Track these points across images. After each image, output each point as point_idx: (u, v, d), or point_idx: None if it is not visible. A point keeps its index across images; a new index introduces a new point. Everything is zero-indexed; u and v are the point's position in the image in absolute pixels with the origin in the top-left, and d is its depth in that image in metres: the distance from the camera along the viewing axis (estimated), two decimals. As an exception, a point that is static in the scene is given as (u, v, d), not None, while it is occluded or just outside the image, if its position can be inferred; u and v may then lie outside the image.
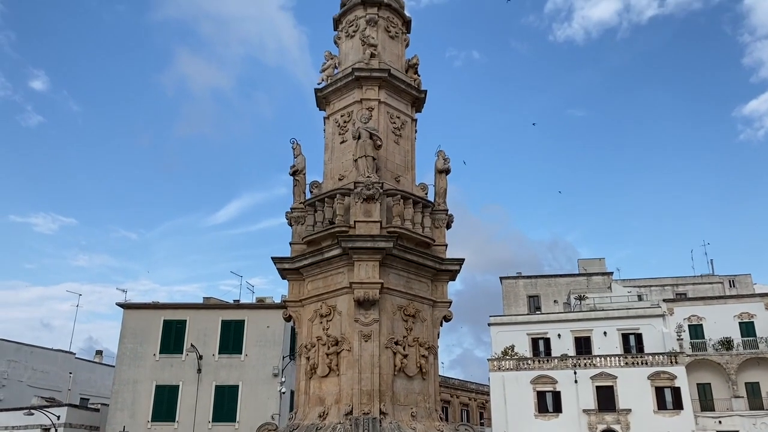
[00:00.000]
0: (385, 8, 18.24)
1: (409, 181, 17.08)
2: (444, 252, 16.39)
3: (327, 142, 17.75)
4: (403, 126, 17.51)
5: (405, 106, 17.81)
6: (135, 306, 49.49)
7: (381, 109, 16.90)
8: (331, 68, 18.34)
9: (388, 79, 17.05)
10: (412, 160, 17.52)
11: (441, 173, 17.09)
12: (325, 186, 16.97)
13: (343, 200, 15.53)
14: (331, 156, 17.40)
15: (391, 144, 16.95)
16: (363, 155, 15.41)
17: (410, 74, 18.32)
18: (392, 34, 18.39)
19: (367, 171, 15.19)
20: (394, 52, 18.34)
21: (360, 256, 14.40)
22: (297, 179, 17.11)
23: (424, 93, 18.14)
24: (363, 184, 14.91)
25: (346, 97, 17.42)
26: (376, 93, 16.97)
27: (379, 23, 17.99)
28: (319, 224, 15.79)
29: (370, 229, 14.75)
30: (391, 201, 15.59)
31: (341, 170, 16.83)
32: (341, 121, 17.35)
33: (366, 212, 14.93)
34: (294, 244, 16.32)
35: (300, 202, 16.75)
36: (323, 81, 18.13)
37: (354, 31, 18.20)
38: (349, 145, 16.69)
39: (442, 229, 16.64)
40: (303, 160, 17.20)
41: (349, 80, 17.10)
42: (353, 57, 17.90)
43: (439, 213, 16.63)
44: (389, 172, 16.55)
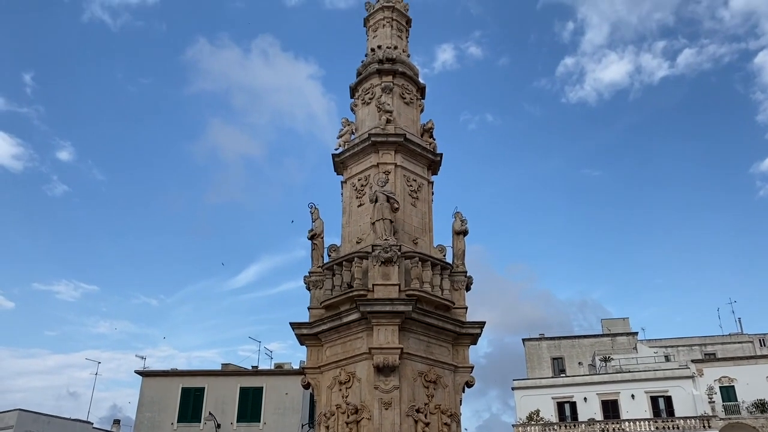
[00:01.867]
0: (400, 76, 18.70)
1: (427, 243, 17.04)
2: (464, 315, 16.16)
3: (344, 205, 17.89)
4: (420, 189, 17.64)
5: (421, 169, 17.98)
6: (153, 373, 49.05)
7: (397, 173, 17.08)
8: (348, 134, 18.71)
9: (404, 143, 17.30)
10: (429, 222, 17.54)
11: (459, 235, 17.05)
12: (343, 249, 16.98)
13: (361, 263, 15.49)
14: (348, 219, 17.49)
15: (408, 207, 17.02)
16: (380, 218, 15.47)
17: (425, 138, 18.59)
18: (407, 100, 18.78)
19: (385, 234, 15.21)
20: (410, 117, 18.69)
21: (379, 320, 14.23)
22: (315, 243, 17.16)
23: (440, 156, 18.34)
24: (381, 247, 14.90)
25: (363, 162, 17.66)
26: (392, 157, 17.20)
27: (394, 90, 18.41)
28: (338, 288, 15.71)
29: (389, 293, 14.63)
30: (410, 263, 15.52)
31: (359, 233, 16.87)
32: (358, 185, 17.52)
33: (384, 275, 14.85)
34: (312, 309, 16.21)
35: (318, 266, 16.73)
36: (340, 146, 18.46)
37: (370, 98, 18.63)
38: (366, 208, 16.79)
39: (461, 291, 16.46)
40: (321, 224, 17.30)
41: (366, 145, 17.38)
42: (369, 123, 18.25)
43: (458, 275, 16.50)
44: (407, 235, 16.55)
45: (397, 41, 19.65)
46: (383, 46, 19.14)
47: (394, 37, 19.66)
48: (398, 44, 19.62)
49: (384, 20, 19.80)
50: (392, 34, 19.67)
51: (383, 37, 19.56)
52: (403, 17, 20.33)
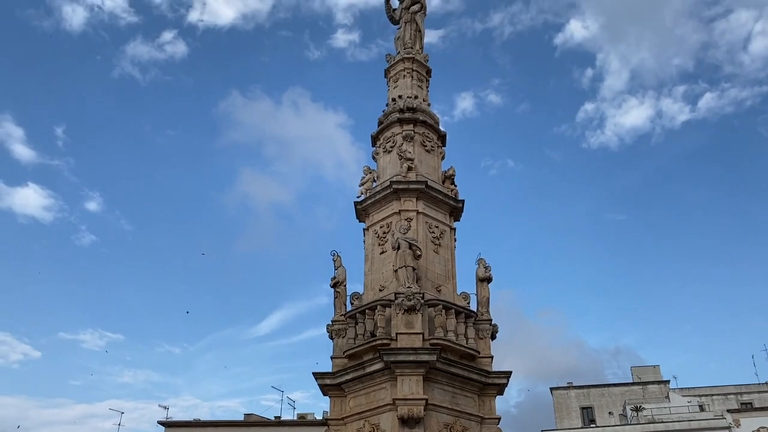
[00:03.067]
0: (421, 125, 18.91)
1: (451, 291, 16.87)
2: (490, 364, 15.84)
3: (367, 253, 17.87)
4: (442, 235, 17.57)
5: (443, 215, 17.96)
6: (176, 424, 48.53)
7: (419, 220, 17.07)
8: (370, 182, 18.83)
9: (426, 190, 17.35)
10: (452, 269, 17.41)
11: (483, 282, 16.87)
12: (365, 297, 16.87)
13: (384, 312, 15.35)
14: (371, 267, 17.44)
15: (430, 254, 16.93)
16: (403, 265, 15.39)
17: (447, 185, 18.63)
18: (428, 148, 18.92)
19: (408, 281, 15.10)
20: (431, 165, 18.79)
21: (403, 370, 13.99)
22: (338, 291, 17.10)
23: (462, 202, 18.33)
24: (404, 295, 14.78)
25: (384, 209, 17.70)
26: (414, 204, 17.23)
27: (415, 138, 18.59)
28: (360, 337, 15.55)
29: (413, 342, 14.43)
30: (433, 311, 15.34)
31: (381, 281, 16.78)
32: (380, 233, 17.53)
33: (408, 324, 14.68)
34: (335, 359, 16.02)
35: (341, 315, 16.63)
36: (362, 194, 18.57)
37: (391, 146, 18.82)
38: (388, 255, 16.74)
39: (486, 340, 16.18)
40: (343, 272, 17.26)
41: (388, 192, 17.46)
42: (391, 171, 18.38)
43: (482, 323, 16.25)
44: (430, 282, 16.42)
45: (417, 91, 19.94)
46: (404, 95, 19.43)
47: (415, 87, 19.96)
48: (419, 94, 19.90)
49: (404, 71, 20.15)
50: (412, 84, 19.98)
51: (404, 87, 19.88)
52: (423, 68, 20.68)
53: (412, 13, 21.25)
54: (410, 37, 20.87)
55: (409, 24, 21.09)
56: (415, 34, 21.01)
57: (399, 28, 21.40)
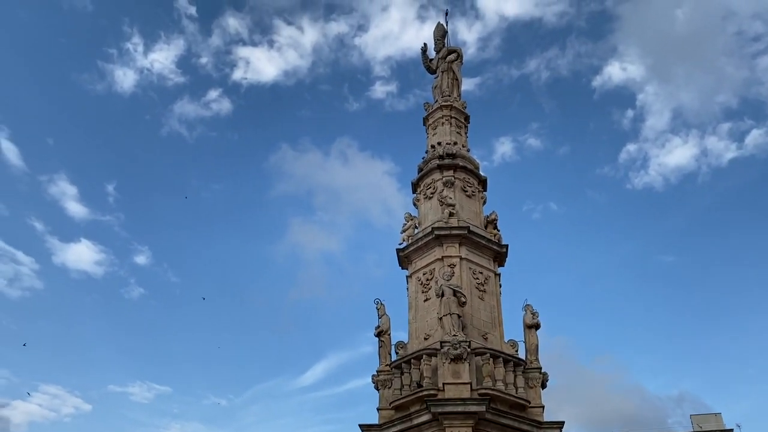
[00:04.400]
0: (461, 170, 18.90)
1: (498, 338, 16.48)
2: (541, 414, 15.27)
3: (410, 300, 17.68)
4: (487, 281, 17.30)
5: (487, 261, 17.72)
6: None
7: (463, 266, 16.86)
8: (412, 228, 18.79)
9: (468, 235, 17.19)
10: (498, 316, 17.04)
11: (530, 329, 16.44)
12: (410, 346, 16.61)
13: (429, 361, 15.06)
14: (415, 315, 17.22)
15: (475, 300, 16.65)
16: (447, 313, 15.15)
17: (490, 230, 18.44)
18: (469, 193, 18.85)
19: (453, 329, 14.83)
20: (472, 210, 18.67)
21: (451, 421, 13.60)
22: (382, 340, 16.89)
23: (506, 247, 18.07)
24: (449, 344, 14.49)
25: (427, 255, 17.57)
26: (456, 250, 17.06)
27: (455, 184, 18.56)
28: (407, 387, 15.24)
29: (460, 392, 14.06)
30: (480, 360, 14.97)
31: (426, 329, 16.53)
32: (424, 279, 17.36)
33: (454, 373, 14.34)
34: (381, 410, 15.70)
35: (386, 364, 16.37)
36: (404, 241, 18.50)
37: (432, 192, 18.82)
38: (432, 303, 16.52)
39: (537, 389, 15.65)
40: (387, 321, 17.08)
41: (430, 239, 17.36)
42: (432, 217, 18.32)
43: (532, 372, 15.76)
44: (476, 330, 16.09)
45: (456, 137, 20.03)
46: (443, 142, 19.53)
47: (453, 134, 20.06)
48: (458, 140, 19.98)
49: (443, 118, 20.32)
50: (451, 130, 20.10)
51: (443, 134, 20.00)
52: (461, 114, 20.82)
53: (449, 62, 21.56)
54: (447, 85, 21.12)
55: (446, 73, 21.37)
56: (453, 82, 21.26)
57: (436, 77, 21.70)
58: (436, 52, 22.27)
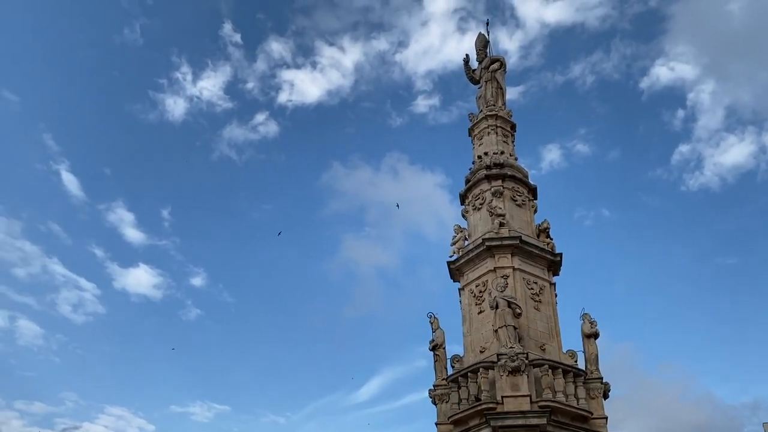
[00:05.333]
0: (510, 179, 18.70)
1: (556, 349, 16.14)
2: (604, 426, 14.85)
3: (464, 313, 17.51)
4: (542, 291, 17.00)
5: (541, 270, 17.43)
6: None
7: (516, 276, 16.63)
8: (462, 240, 18.66)
9: (520, 245, 16.96)
10: (555, 326, 16.70)
11: (589, 338, 16.05)
12: (466, 360, 16.44)
13: (487, 374, 14.86)
14: (469, 328, 17.04)
15: (531, 311, 16.38)
16: (503, 325, 14.95)
17: (542, 238, 18.15)
18: (519, 202, 18.62)
19: (509, 341, 14.61)
20: (523, 219, 18.42)
21: (512, 435, 13.36)
22: (437, 354, 16.76)
23: (560, 256, 17.74)
24: (506, 356, 14.27)
25: (479, 267, 17.41)
26: (509, 260, 16.85)
27: (504, 194, 18.37)
28: (464, 401, 15.06)
29: (520, 405, 13.82)
30: (539, 372, 14.69)
31: (482, 342, 16.33)
32: (476, 292, 17.19)
33: (513, 386, 14.11)
34: (440, 425, 15.56)
35: (442, 379, 16.24)
36: (454, 253, 18.38)
37: (480, 203, 18.67)
38: (487, 315, 16.33)
39: (598, 399, 15.24)
40: (442, 334, 16.96)
41: (481, 250, 17.20)
42: (482, 228, 18.16)
43: (593, 382, 15.36)
44: (533, 341, 15.81)
45: (503, 146, 19.85)
46: (489, 152, 19.38)
47: (500, 143, 19.90)
48: (504, 149, 19.79)
49: (488, 128, 20.19)
50: (497, 140, 19.94)
51: (489, 144, 19.86)
52: (507, 123, 20.64)
53: (492, 72, 21.45)
54: (492, 94, 21.01)
55: (489, 82, 21.27)
56: (497, 91, 21.13)
57: (480, 87, 21.63)
58: (479, 62, 22.21)
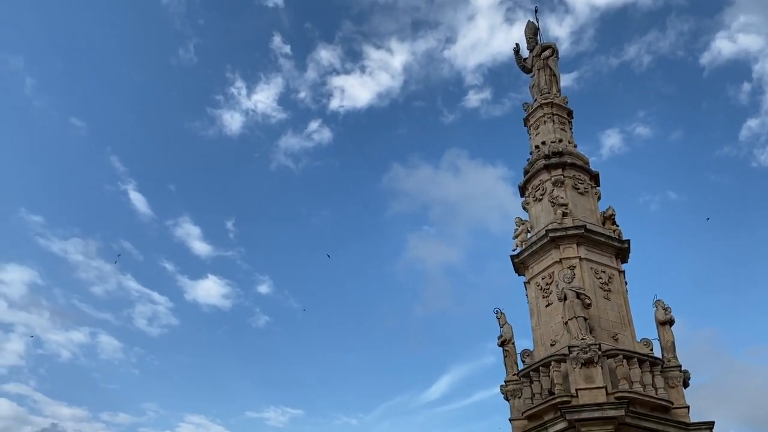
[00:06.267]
0: (570, 167, 18.30)
1: (629, 338, 15.69)
2: (686, 415, 14.33)
3: (531, 307, 17.26)
4: (611, 280, 16.56)
5: (609, 258, 16.98)
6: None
7: (583, 266, 16.27)
8: (524, 233, 18.38)
9: (585, 234, 16.58)
10: (627, 315, 16.24)
11: (664, 325, 15.54)
12: (536, 354, 16.20)
13: (559, 367, 14.60)
14: (538, 321, 16.79)
15: (601, 300, 15.98)
16: (572, 317, 14.65)
17: (608, 226, 17.67)
18: (581, 190, 18.20)
19: (580, 333, 14.31)
20: (587, 207, 18.00)
21: (589, 428, 13.08)
22: (506, 350, 16.60)
23: (627, 242, 17.23)
24: (578, 348, 13.98)
25: (544, 259, 17.11)
26: (575, 250, 16.49)
27: (565, 182, 17.99)
28: (538, 396, 14.85)
29: (595, 397, 13.50)
30: (613, 362, 14.32)
31: (551, 335, 16.06)
32: (543, 284, 16.91)
33: (587, 378, 13.80)
34: (514, 420, 15.40)
35: (513, 374, 16.06)
36: (517, 247, 18.13)
37: (541, 194, 18.34)
38: (555, 307, 16.04)
39: (678, 388, 14.72)
40: (510, 329, 16.77)
41: (545, 242, 16.91)
42: (544, 219, 17.85)
43: (671, 370, 14.85)
44: (605, 331, 15.42)
45: (560, 134, 19.45)
46: (547, 141, 19.03)
47: (557, 131, 19.50)
48: (562, 137, 19.39)
49: (544, 116, 19.82)
50: (555, 128, 19.55)
51: (546, 133, 19.50)
52: (564, 110, 20.21)
53: (544, 59, 21.05)
54: (546, 82, 20.62)
55: (542, 70, 20.89)
56: (550, 78, 20.73)
57: (532, 76, 21.25)
58: (530, 50, 21.83)
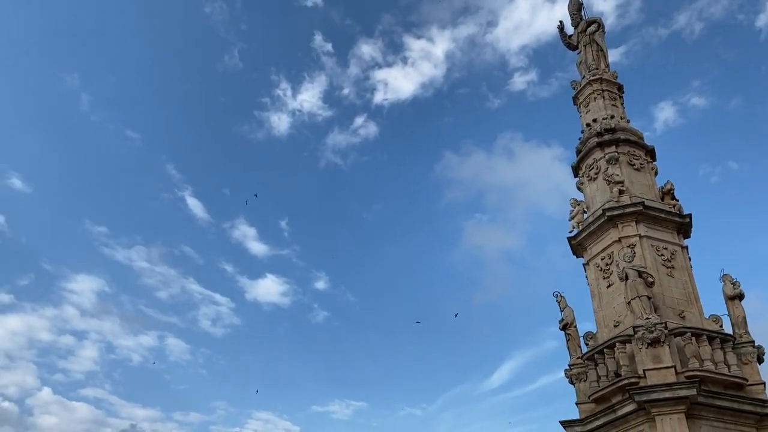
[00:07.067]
0: (624, 143, 17.82)
1: (697, 315, 15.23)
2: (763, 392, 13.83)
3: (592, 289, 16.94)
4: (674, 256, 16.09)
5: (670, 234, 16.49)
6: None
7: (644, 244, 15.85)
8: (580, 214, 18.04)
9: (644, 211, 16.15)
10: (693, 292, 15.75)
11: (733, 300, 15.01)
12: (600, 336, 15.91)
13: (624, 348, 14.30)
14: (599, 303, 16.47)
15: (664, 278, 15.55)
16: (635, 296, 14.30)
17: (667, 201, 17.16)
18: (637, 166, 17.71)
19: (645, 312, 13.97)
20: (644, 183, 17.51)
21: (660, 409, 12.77)
22: (569, 333, 16.37)
23: (689, 217, 16.69)
24: (643, 328, 13.66)
25: (602, 239, 16.76)
26: (634, 228, 16.09)
27: (620, 159, 17.54)
28: (604, 378, 14.59)
29: (664, 377, 13.17)
30: (681, 341, 13.93)
31: (614, 316, 15.73)
32: (602, 265, 16.57)
33: (654, 358, 13.48)
34: (580, 404, 15.17)
35: (577, 357, 15.83)
36: (574, 228, 17.81)
37: (595, 173, 17.94)
38: (616, 288, 15.70)
39: (752, 364, 14.20)
40: (571, 312, 16.53)
41: (602, 222, 16.55)
42: (600, 198, 17.46)
43: (743, 346, 14.34)
44: (670, 309, 15.01)
45: (612, 110, 18.96)
46: (598, 118, 18.58)
47: (609, 107, 19.01)
48: (614, 113, 18.89)
49: (594, 93, 19.35)
50: (605, 104, 19.06)
51: (596, 110, 19.04)
52: (614, 85, 19.68)
53: (590, 34, 20.53)
54: (593, 58, 20.12)
55: (589, 46, 20.39)
56: (598, 54, 20.21)
57: (579, 53, 20.78)
58: (574, 27, 21.33)
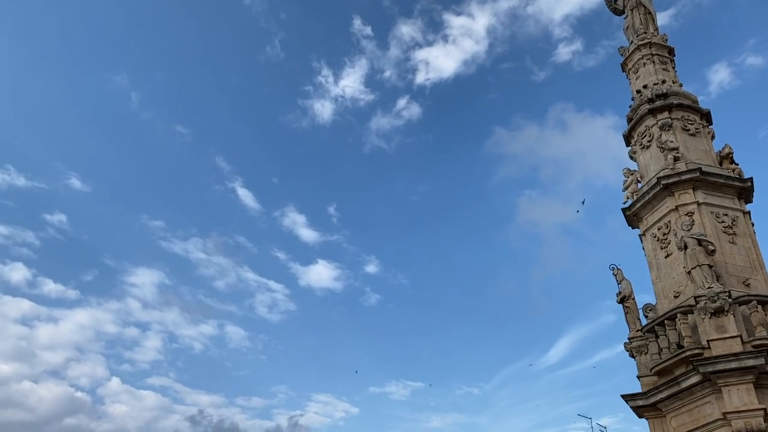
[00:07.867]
0: (677, 108, 17.20)
1: (762, 283, 14.67)
2: (838, 359, 13.24)
3: (650, 259, 16.52)
4: (735, 223, 15.51)
5: (730, 200, 15.89)
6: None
7: (702, 211, 15.33)
8: (634, 183, 17.56)
9: (701, 177, 15.59)
10: (758, 258, 15.16)
11: (801, 265, 14.39)
12: (660, 307, 15.52)
13: (686, 319, 13.93)
14: (658, 274, 16.05)
15: (726, 245, 15.02)
16: (696, 265, 13.88)
17: (726, 165, 16.52)
18: (692, 131, 17.08)
19: (706, 282, 13.55)
20: (700, 149, 16.89)
21: (726, 380, 12.42)
22: (627, 306, 16.03)
23: (750, 181, 16.03)
24: (705, 297, 13.26)
25: (658, 209, 16.29)
26: (691, 196, 15.57)
27: (674, 125, 16.95)
28: (666, 351, 14.26)
29: (730, 347, 12.78)
30: (746, 309, 13.47)
31: (674, 287, 15.31)
32: (660, 235, 16.11)
33: (718, 328, 13.08)
34: (642, 377, 14.89)
35: (637, 330, 15.51)
36: (628, 198, 17.35)
37: (648, 141, 17.41)
38: (675, 258, 15.26)
39: (825, 331, 13.61)
40: (628, 285, 16.17)
41: (657, 190, 16.07)
42: (654, 166, 16.95)
43: (814, 312, 13.76)
44: (733, 278, 14.51)
45: (663, 75, 18.30)
46: (649, 84, 17.97)
47: (659, 72, 18.36)
48: (665, 77, 18.23)
49: (643, 58, 18.71)
50: (656, 69, 18.41)
51: (647, 75, 18.41)
52: (664, 49, 18.96)
53: (637, -3, 19.80)
54: (641, 22, 19.43)
55: (636, 9, 19.69)
56: (646, 17, 19.50)
57: (626, 18, 20.09)
58: (620, -10, 20.61)
